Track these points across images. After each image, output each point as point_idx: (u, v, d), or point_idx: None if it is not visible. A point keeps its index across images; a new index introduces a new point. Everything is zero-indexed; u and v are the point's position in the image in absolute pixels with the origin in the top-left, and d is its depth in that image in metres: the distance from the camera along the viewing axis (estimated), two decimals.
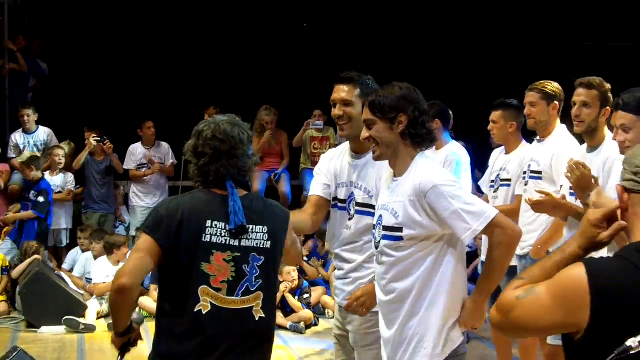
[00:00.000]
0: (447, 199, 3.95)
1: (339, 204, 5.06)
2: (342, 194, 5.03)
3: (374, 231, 4.29)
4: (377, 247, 4.23)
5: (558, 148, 6.30)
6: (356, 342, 4.97)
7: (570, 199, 5.78)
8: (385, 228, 4.15)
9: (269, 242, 3.90)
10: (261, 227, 3.88)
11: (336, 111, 4.89)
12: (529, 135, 7.16)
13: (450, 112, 7.81)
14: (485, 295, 4.14)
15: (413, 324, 4.10)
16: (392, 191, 4.18)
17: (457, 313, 4.13)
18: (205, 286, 3.74)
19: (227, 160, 3.89)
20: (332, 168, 5.12)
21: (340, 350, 5.19)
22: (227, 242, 3.80)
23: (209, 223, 3.78)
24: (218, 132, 3.90)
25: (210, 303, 3.74)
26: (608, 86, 5.74)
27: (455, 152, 7.48)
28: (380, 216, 4.22)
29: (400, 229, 4.07)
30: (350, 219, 4.99)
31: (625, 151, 4.66)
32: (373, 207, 4.77)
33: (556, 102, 6.52)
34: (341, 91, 4.89)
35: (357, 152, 4.99)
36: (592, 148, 5.69)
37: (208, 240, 3.77)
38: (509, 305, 2.75)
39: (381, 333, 4.33)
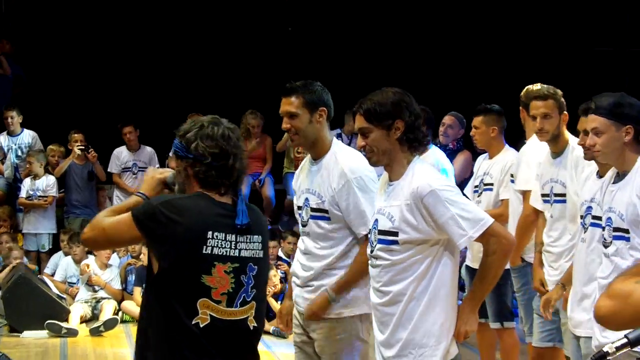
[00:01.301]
0: (444, 204, 3.95)
1: (298, 211, 5.12)
2: (300, 201, 5.08)
3: (369, 235, 4.26)
4: (372, 251, 4.20)
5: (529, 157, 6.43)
6: (323, 350, 4.95)
7: (546, 206, 5.99)
8: (381, 232, 4.13)
9: (262, 252, 3.86)
10: (257, 236, 3.84)
11: (284, 125, 4.93)
12: (513, 139, 7.22)
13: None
14: (478, 302, 4.17)
15: (408, 329, 4.08)
16: (387, 195, 4.16)
17: (454, 320, 4.12)
18: (205, 299, 3.66)
19: (239, 162, 3.82)
20: (297, 180, 5.19)
21: (302, 357, 5.15)
22: (228, 253, 3.72)
23: (209, 234, 3.68)
24: (226, 134, 3.81)
25: (210, 316, 3.66)
26: (560, 92, 5.90)
27: (438, 159, 7.52)
28: (376, 220, 4.19)
29: (396, 233, 4.06)
30: (304, 225, 5.02)
31: (594, 155, 4.66)
32: (326, 211, 4.85)
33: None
34: (285, 104, 4.91)
35: (315, 158, 5.02)
36: (557, 154, 5.88)
37: (209, 252, 3.68)
38: (627, 290, 2.71)
39: (375, 336, 4.30)
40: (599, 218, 4.89)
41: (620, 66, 14.60)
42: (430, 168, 4.24)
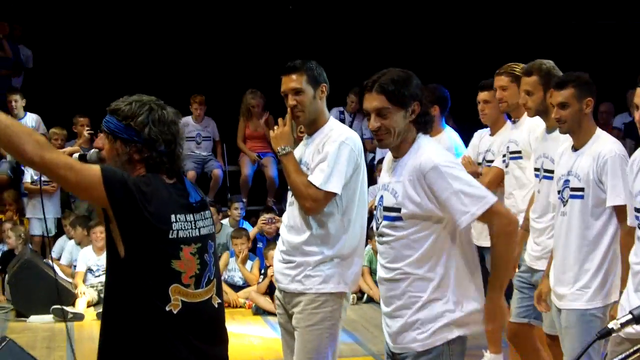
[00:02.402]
0: (447, 180, 3.92)
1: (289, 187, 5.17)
2: None
3: (375, 212, 4.24)
4: (377, 228, 4.19)
5: (533, 124, 6.34)
6: (299, 322, 4.99)
7: (536, 180, 5.96)
8: (386, 208, 4.11)
9: (213, 227, 3.84)
10: (208, 211, 3.80)
11: (290, 101, 4.97)
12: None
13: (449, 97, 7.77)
14: (499, 292, 4.08)
15: (412, 309, 4.06)
16: (393, 171, 4.14)
17: (467, 302, 4.07)
18: (176, 284, 3.58)
19: (180, 145, 3.74)
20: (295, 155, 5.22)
21: (287, 337, 5.22)
22: (191, 234, 3.65)
23: (173, 217, 3.59)
24: (174, 115, 3.74)
25: (181, 301, 3.59)
26: (549, 65, 5.88)
27: (451, 137, 7.55)
28: (382, 197, 4.17)
29: (398, 209, 4.03)
30: (292, 196, 5.07)
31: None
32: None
33: None
34: (290, 81, 4.96)
35: (310, 133, 5.10)
36: (550, 130, 5.84)
37: (175, 236, 3.60)
38: None
39: (382, 309, 4.29)
40: (577, 189, 5.03)
41: (623, 39, 14.52)
42: (435, 144, 4.20)
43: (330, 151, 4.85)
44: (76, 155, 3.86)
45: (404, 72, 4.12)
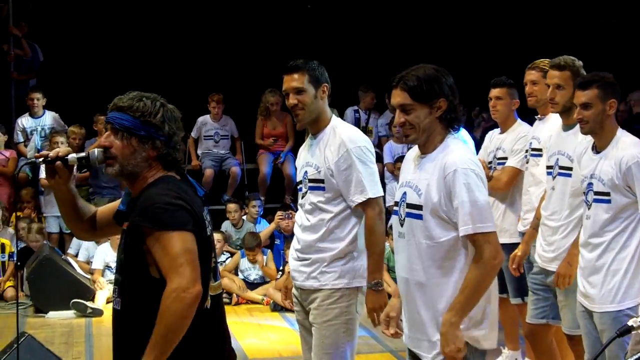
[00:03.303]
0: (463, 187, 3.92)
1: (298, 186, 5.24)
2: (300, 176, 5.22)
3: (397, 208, 4.23)
4: (401, 225, 4.17)
5: (558, 123, 6.32)
6: (316, 318, 5.03)
7: (548, 178, 5.92)
8: (409, 205, 4.11)
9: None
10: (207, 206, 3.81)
11: (290, 100, 5.02)
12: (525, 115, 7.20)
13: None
14: (458, 317, 3.95)
15: (428, 310, 4.06)
16: (418, 168, 4.14)
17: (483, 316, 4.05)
18: (212, 281, 3.65)
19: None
20: (299, 157, 5.34)
21: (304, 333, 5.26)
22: (209, 229, 3.70)
23: (203, 217, 3.64)
24: (177, 112, 3.73)
25: (210, 296, 3.64)
26: (579, 63, 5.83)
27: (462, 136, 7.55)
28: (404, 193, 4.17)
29: (421, 207, 4.03)
30: (303, 197, 5.14)
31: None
32: (322, 181, 4.97)
33: None
34: (291, 80, 5.02)
35: (314, 133, 5.16)
36: (568, 126, 5.82)
37: (209, 233, 3.68)
38: None
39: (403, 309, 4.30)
40: (602, 193, 5.00)
41: (637, 38, 14.45)
42: (465, 147, 4.18)
43: (349, 168, 4.90)
44: (73, 156, 3.76)
45: (433, 68, 4.12)
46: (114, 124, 3.65)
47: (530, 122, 6.93)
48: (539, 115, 6.69)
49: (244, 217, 11.45)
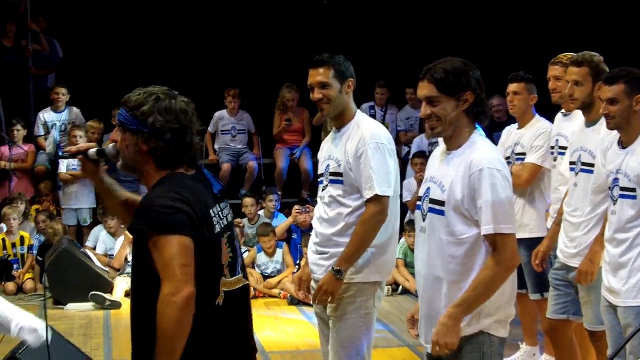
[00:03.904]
0: (488, 187, 3.91)
1: (320, 179, 5.25)
2: (322, 169, 5.21)
3: (421, 203, 4.21)
4: (424, 220, 4.16)
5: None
6: (333, 312, 5.05)
7: (571, 174, 5.91)
8: (432, 201, 4.10)
9: (231, 215, 3.80)
10: (226, 199, 3.80)
11: (315, 95, 5.04)
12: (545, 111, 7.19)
13: None
14: (464, 313, 3.95)
15: (444, 305, 4.03)
16: (444, 164, 4.13)
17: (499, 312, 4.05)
18: (223, 277, 3.61)
19: (194, 138, 3.68)
20: (322, 150, 5.33)
21: (322, 326, 5.29)
22: (223, 225, 3.65)
23: (212, 213, 3.60)
24: (184, 107, 3.65)
25: (224, 292, 3.60)
26: (598, 59, 5.81)
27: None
28: (428, 189, 4.15)
29: (443, 203, 4.03)
30: (323, 190, 5.15)
31: None
32: (341, 175, 5.00)
33: None
34: (317, 75, 5.03)
35: (339, 127, 5.16)
36: (591, 123, 5.79)
37: (218, 230, 3.61)
38: None
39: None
40: (628, 189, 4.97)
41: None
42: (492, 146, 4.16)
43: (366, 162, 4.91)
44: (93, 150, 3.86)
45: (460, 61, 4.10)
46: (116, 119, 3.72)
47: (551, 119, 6.92)
48: (563, 111, 6.66)
49: (261, 213, 11.47)
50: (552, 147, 6.65)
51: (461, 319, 3.94)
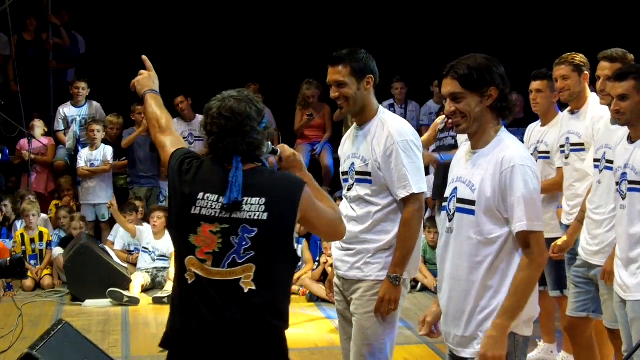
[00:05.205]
0: (521, 183, 3.89)
1: (343, 177, 5.21)
2: (346, 167, 5.17)
3: (447, 204, 4.19)
4: (450, 220, 4.14)
5: (596, 115, 6.27)
6: (357, 309, 5.02)
7: (595, 171, 5.86)
8: (460, 200, 4.08)
9: (265, 214, 3.76)
10: (258, 198, 3.77)
11: (333, 93, 5.01)
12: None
13: None
14: (510, 321, 3.94)
15: (468, 305, 4.03)
16: (471, 164, 4.10)
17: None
18: (191, 257, 3.79)
19: (234, 137, 3.81)
20: (343, 146, 5.30)
21: (344, 323, 5.26)
22: (217, 215, 3.77)
23: (200, 195, 3.81)
24: (224, 109, 3.83)
25: (195, 274, 3.79)
26: (631, 57, 5.76)
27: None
28: (455, 188, 4.13)
29: (473, 202, 4.00)
30: (349, 189, 5.12)
31: None
32: (369, 174, 4.96)
33: (586, 72, 6.55)
34: (334, 73, 4.99)
35: (360, 124, 5.12)
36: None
37: (197, 212, 3.79)
38: None
39: (439, 301, 4.28)
40: (637, 183, 4.96)
41: None
42: (519, 143, 4.14)
43: (396, 162, 4.89)
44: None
45: (484, 57, 4.09)
46: None
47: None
48: (569, 109, 6.66)
49: None
50: (562, 146, 6.65)
51: (508, 327, 3.93)
